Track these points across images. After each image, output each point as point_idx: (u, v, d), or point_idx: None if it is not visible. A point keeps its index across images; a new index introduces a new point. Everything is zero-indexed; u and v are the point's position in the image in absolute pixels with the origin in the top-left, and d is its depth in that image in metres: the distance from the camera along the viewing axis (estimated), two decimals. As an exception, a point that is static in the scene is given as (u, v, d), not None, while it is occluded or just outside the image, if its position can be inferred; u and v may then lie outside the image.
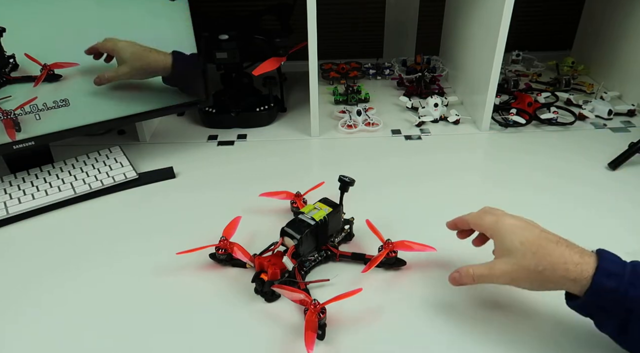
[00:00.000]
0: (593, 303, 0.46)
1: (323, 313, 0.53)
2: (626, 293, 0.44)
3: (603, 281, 0.44)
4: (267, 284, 0.58)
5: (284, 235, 0.60)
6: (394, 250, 0.62)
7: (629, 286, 0.44)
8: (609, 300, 0.45)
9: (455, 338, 0.54)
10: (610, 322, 0.46)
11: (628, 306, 0.44)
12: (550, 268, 0.46)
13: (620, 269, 0.45)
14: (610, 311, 0.45)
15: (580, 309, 0.48)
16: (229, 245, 0.63)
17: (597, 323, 0.48)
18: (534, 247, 0.47)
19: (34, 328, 0.57)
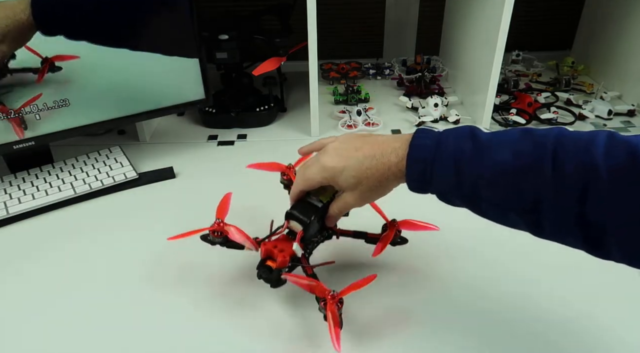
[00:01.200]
0: (415, 187, 0.49)
1: (341, 303, 0.50)
2: (431, 175, 0.46)
3: (413, 169, 0.47)
4: (275, 272, 0.54)
5: (290, 219, 0.56)
6: (399, 229, 0.62)
7: (434, 166, 0.46)
8: (422, 182, 0.48)
9: (468, 326, 0.54)
10: (437, 196, 0.49)
11: (436, 184, 0.47)
12: (383, 179, 0.50)
13: (426, 153, 0.47)
14: (430, 190, 0.48)
15: (414, 191, 0.50)
16: (224, 227, 0.59)
17: (436, 196, 0.49)
18: (365, 173, 0.50)
19: (34, 328, 0.57)
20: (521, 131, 0.44)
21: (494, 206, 0.44)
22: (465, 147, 0.45)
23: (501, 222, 0.46)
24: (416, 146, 0.48)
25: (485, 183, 0.43)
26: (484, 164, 0.43)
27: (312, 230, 0.57)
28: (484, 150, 0.44)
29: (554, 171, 0.39)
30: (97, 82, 0.79)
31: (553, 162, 0.40)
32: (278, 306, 0.59)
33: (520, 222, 0.44)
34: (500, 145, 0.43)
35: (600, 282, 0.61)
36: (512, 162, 0.42)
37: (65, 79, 0.76)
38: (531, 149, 0.42)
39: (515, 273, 0.63)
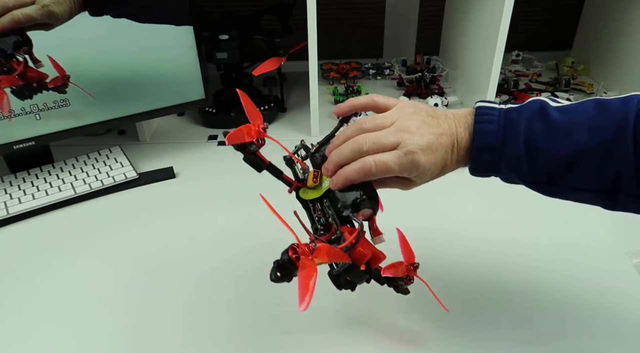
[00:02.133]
0: (480, 172, 0.45)
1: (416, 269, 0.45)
2: (500, 161, 0.43)
3: (480, 157, 0.44)
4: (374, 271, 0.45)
5: (363, 208, 0.45)
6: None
7: (503, 154, 0.42)
8: (490, 171, 0.44)
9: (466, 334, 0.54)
10: (503, 179, 0.46)
11: (506, 171, 0.43)
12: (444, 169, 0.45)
13: (493, 139, 0.42)
14: (497, 174, 0.45)
15: (477, 175, 0.46)
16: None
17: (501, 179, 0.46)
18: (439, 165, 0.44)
19: (34, 328, 0.57)
20: (594, 103, 0.40)
21: (569, 189, 0.41)
22: (537, 130, 0.40)
23: (574, 200, 0.43)
24: (481, 133, 0.43)
25: (560, 167, 0.40)
26: (559, 149, 0.39)
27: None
28: (558, 132, 0.40)
29: (636, 146, 0.36)
30: (97, 82, 0.79)
31: (635, 137, 0.36)
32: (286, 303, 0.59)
33: (594, 199, 0.41)
34: (574, 124, 0.39)
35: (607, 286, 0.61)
36: (589, 141, 0.38)
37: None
38: (609, 124, 0.38)
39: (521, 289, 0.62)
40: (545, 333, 0.54)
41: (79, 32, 0.74)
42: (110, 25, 0.76)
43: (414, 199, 0.56)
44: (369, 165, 0.44)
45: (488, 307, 0.58)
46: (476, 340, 0.54)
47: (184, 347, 0.54)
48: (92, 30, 0.75)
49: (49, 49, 0.73)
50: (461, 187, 0.82)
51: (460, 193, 0.80)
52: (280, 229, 0.68)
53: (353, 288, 0.46)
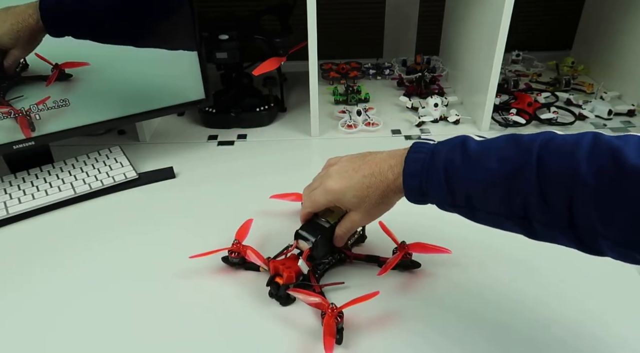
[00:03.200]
0: (414, 200, 0.51)
1: (341, 317, 0.52)
2: (427, 188, 0.48)
3: (409, 183, 0.50)
4: (282, 288, 0.57)
5: (299, 238, 0.59)
6: (408, 252, 0.61)
7: (428, 181, 0.48)
8: (420, 195, 0.50)
9: (472, 341, 0.54)
10: (436, 206, 0.50)
11: (432, 196, 0.49)
12: (383, 196, 0.53)
13: (420, 166, 0.49)
14: (427, 200, 0.50)
15: (415, 203, 0.52)
16: (242, 248, 0.62)
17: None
18: (364, 191, 0.53)
19: (34, 328, 0.57)
20: (507, 137, 0.45)
21: (488, 214, 0.46)
22: (455, 159, 0.46)
23: (498, 227, 0.47)
24: (410, 160, 0.50)
25: (475, 193, 0.45)
26: (472, 175, 0.45)
27: (320, 249, 0.59)
28: (471, 161, 0.45)
29: (539, 177, 0.40)
30: (97, 82, 0.79)
31: (537, 168, 0.40)
32: (278, 321, 0.59)
33: (515, 228, 0.44)
34: (486, 154, 0.45)
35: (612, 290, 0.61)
36: (497, 169, 0.43)
37: (70, 80, 0.77)
38: (515, 155, 0.43)
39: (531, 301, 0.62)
40: (544, 332, 0.54)
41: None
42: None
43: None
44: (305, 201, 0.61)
45: (487, 305, 0.58)
46: (477, 330, 0.54)
47: (184, 346, 0.54)
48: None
49: (46, 52, 0.73)
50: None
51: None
52: (280, 228, 0.68)
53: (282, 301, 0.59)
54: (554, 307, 0.58)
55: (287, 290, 0.56)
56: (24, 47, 0.71)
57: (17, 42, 0.71)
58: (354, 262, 0.65)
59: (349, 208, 0.56)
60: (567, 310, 0.57)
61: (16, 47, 0.71)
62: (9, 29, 0.69)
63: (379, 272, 0.60)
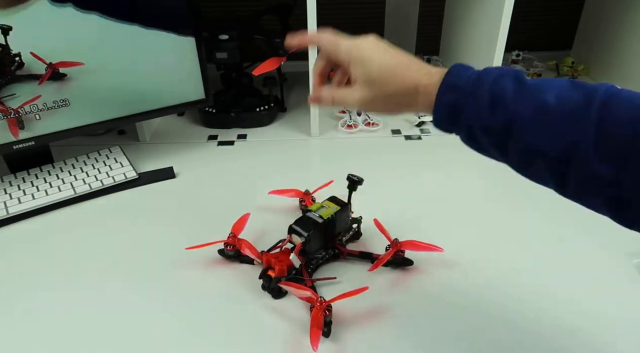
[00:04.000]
0: (442, 119, 0.45)
1: (329, 310, 0.53)
2: (464, 105, 0.43)
3: (445, 97, 0.44)
4: (274, 281, 0.58)
5: (292, 233, 0.60)
6: (401, 249, 0.62)
7: (469, 97, 0.42)
8: (452, 114, 0.44)
9: (461, 339, 0.54)
10: (462, 134, 0.45)
11: (467, 116, 0.43)
12: (404, 93, 0.46)
13: (464, 82, 0.43)
14: (458, 124, 0.44)
15: (438, 125, 0.47)
16: (237, 241, 0.64)
17: (460, 136, 0.46)
18: (388, 75, 0.47)
19: (34, 328, 0.57)
20: (570, 80, 0.41)
21: (523, 148, 0.41)
22: (507, 85, 0.41)
23: (526, 169, 0.42)
24: (454, 72, 0.44)
25: (520, 122, 0.40)
26: (523, 103, 0.40)
27: (313, 244, 0.60)
28: (526, 91, 0.41)
29: (599, 123, 0.37)
30: (97, 82, 0.79)
31: (599, 114, 0.37)
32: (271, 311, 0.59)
33: (545, 172, 0.40)
34: (545, 89, 0.40)
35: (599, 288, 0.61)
36: (555, 104, 0.39)
37: (66, 79, 0.77)
38: (578, 96, 0.39)
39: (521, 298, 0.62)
40: (536, 330, 0.54)
41: (76, 33, 0.75)
42: (108, 26, 0.76)
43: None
44: (325, 37, 0.51)
45: (477, 303, 0.58)
46: (466, 328, 0.54)
47: (177, 334, 0.54)
48: (90, 31, 0.75)
49: (43, 49, 0.73)
50: (465, 186, 0.82)
51: (463, 190, 0.80)
52: (277, 224, 0.69)
53: (274, 294, 0.59)
54: (548, 306, 0.58)
55: (279, 283, 0.57)
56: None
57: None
58: (348, 258, 0.65)
59: (361, 80, 0.48)
60: (562, 309, 0.57)
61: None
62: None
63: (370, 268, 0.61)
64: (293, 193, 0.74)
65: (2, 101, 0.73)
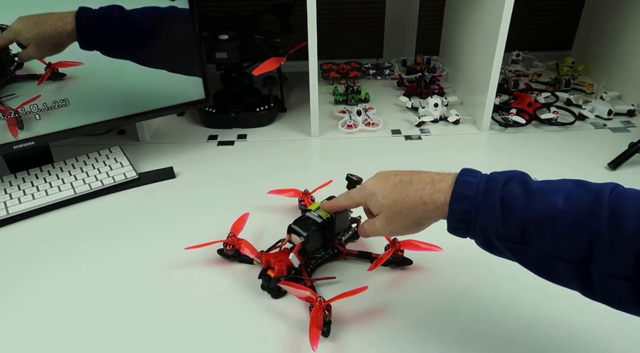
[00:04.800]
0: (456, 227, 0.46)
1: (328, 310, 0.53)
2: (477, 213, 0.44)
3: (456, 206, 0.45)
4: (273, 280, 0.59)
5: (291, 233, 0.60)
6: (400, 249, 0.62)
7: (480, 204, 0.44)
8: (465, 222, 0.45)
9: (460, 338, 0.54)
10: (478, 240, 0.46)
11: (480, 224, 0.44)
12: (412, 208, 0.48)
13: (474, 190, 0.44)
14: (473, 231, 0.45)
15: (454, 232, 0.48)
16: (236, 241, 0.64)
17: (476, 242, 0.47)
18: (394, 196, 0.50)
19: (35, 328, 0.57)
20: (574, 180, 0.42)
21: (541, 255, 0.41)
22: (515, 189, 0.42)
23: (547, 273, 0.43)
24: (463, 182, 0.46)
25: (533, 227, 0.41)
26: (534, 208, 0.41)
27: (312, 244, 0.60)
28: (534, 194, 0.42)
29: (611, 220, 0.37)
30: (97, 82, 0.79)
31: (610, 211, 0.38)
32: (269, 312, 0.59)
33: (567, 274, 0.41)
34: (551, 191, 0.41)
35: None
36: (564, 206, 0.40)
37: (66, 78, 0.77)
38: (585, 194, 0.40)
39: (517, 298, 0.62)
40: (535, 330, 0.54)
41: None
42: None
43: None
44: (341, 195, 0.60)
45: (476, 303, 0.58)
46: (465, 327, 0.54)
47: (177, 334, 0.54)
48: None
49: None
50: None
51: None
52: (277, 223, 0.68)
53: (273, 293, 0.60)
54: (548, 305, 0.57)
55: (278, 282, 0.57)
56: (46, 49, 0.73)
57: (44, 45, 0.72)
58: (347, 257, 0.65)
59: (376, 211, 0.53)
60: (563, 308, 0.57)
61: (38, 48, 0.72)
62: (33, 26, 0.70)
63: (369, 268, 0.61)
64: (292, 193, 0.74)
65: (1, 101, 0.73)
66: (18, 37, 0.70)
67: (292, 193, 0.74)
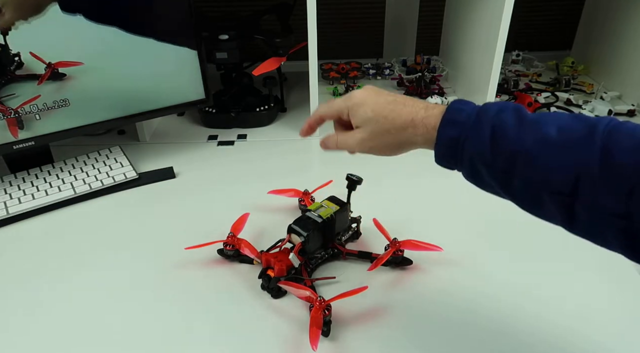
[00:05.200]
0: (444, 154, 0.45)
1: (328, 310, 0.53)
2: (465, 139, 0.43)
3: (446, 131, 0.44)
4: (273, 280, 0.59)
5: (291, 232, 0.60)
6: (400, 249, 0.62)
7: (470, 131, 0.42)
8: (453, 149, 0.44)
9: (460, 338, 0.54)
10: (464, 170, 0.45)
11: (468, 151, 0.43)
12: (401, 129, 0.47)
13: (465, 117, 0.43)
14: (460, 159, 0.44)
15: (440, 162, 0.47)
16: (236, 241, 0.64)
17: (462, 172, 0.46)
18: (385, 112, 0.48)
19: (35, 328, 0.57)
20: (570, 114, 0.41)
21: (527, 184, 0.40)
22: (507, 119, 0.41)
23: (531, 205, 0.42)
24: (454, 109, 0.44)
25: (523, 156, 0.40)
26: (525, 137, 0.40)
27: (312, 244, 0.60)
28: (527, 124, 0.40)
29: (603, 152, 0.36)
30: (97, 82, 0.79)
31: (603, 144, 0.36)
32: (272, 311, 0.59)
33: (552, 207, 0.39)
34: (544, 122, 0.40)
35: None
36: (556, 136, 0.38)
37: (66, 78, 0.77)
38: (579, 127, 0.38)
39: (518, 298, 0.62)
40: (544, 329, 0.54)
41: (77, 35, 0.75)
42: (108, 30, 0.76)
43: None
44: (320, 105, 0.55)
45: (476, 303, 0.58)
46: (465, 327, 0.54)
47: (177, 333, 0.54)
48: (89, 33, 0.75)
49: (42, 49, 0.73)
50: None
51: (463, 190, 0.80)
52: (276, 223, 0.69)
53: (274, 293, 0.60)
54: (547, 304, 0.58)
55: (278, 282, 0.57)
56: (24, 11, 0.68)
57: (21, 5, 0.68)
58: (347, 257, 0.65)
59: (359, 123, 0.50)
60: (562, 307, 0.57)
61: (16, 9, 0.68)
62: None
63: (370, 268, 0.61)
64: (292, 193, 0.74)
65: (1, 101, 0.73)
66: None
67: (292, 193, 0.74)
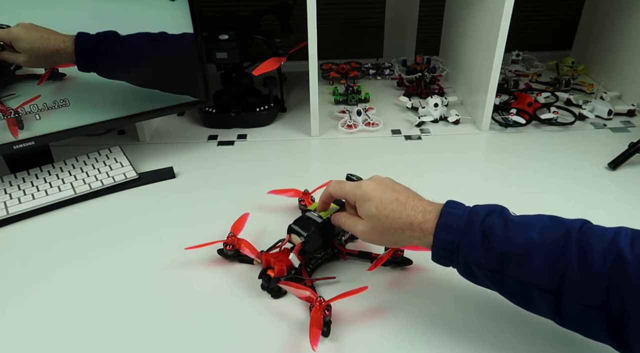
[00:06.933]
0: (440, 256, 0.50)
1: (328, 310, 0.53)
2: (459, 243, 0.47)
3: (441, 236, 0.48)
4: (273, 280, 0.59)
5: (291, 233, 0.60)
6: (400, 249, 0.62)
7: (463, 236, 0.47)
8: (449, 251, 0.48)
9: (459, 338, 0.54)
10: (460, 269, 0.49)
11: (463, 254, 0.47)
12: (400, 230, 0.51)
13: (457, 221, 0.48)
14: (455, 260, 0.49)
15: (437, 261, 0.51)
16: (236, 241, 0.64)
17: (459, 271, 0.50)
18: (386, 211, 0.51)
19: (35, 328, 0.57)
20: (550, 216, 0.47)
21: (518, 283, 0.45)
22: (495, 221, 0.46)
23: (523, 302, 0.47)
24: (447, 214, 0.49)
25: (512, 257, 0.45)
26: (512, 240, 0.45)
27: (312, 244, 0.60)
28: (512, 226, 0.46)
29: (579, 253, 0.41)
30: (98, 83, 0.79)
31: (578, 245, 0.42)
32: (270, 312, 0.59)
33: (542, 303, 0.44)
34: (527, 225, 0.45)
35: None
36: (539, 239, 0.44)
37: (66, 78, 0.77)
38: (556, 229, 0.44)
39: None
40: (544, 329, 0.54)
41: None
42: (111, 21, 0.77)
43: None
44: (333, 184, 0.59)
45: (476, 303, 0.58)
46: (465, 327, 0.54)
47: (177, 334, 0.54)
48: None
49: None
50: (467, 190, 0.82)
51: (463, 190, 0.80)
52: (277, 223, 0.69)
53: (273, 293, 0.60)
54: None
55: (278, 282, 0.57)
56: (39, 63, 0.73)
57: (32, 53, 0.72)
58: (347, 257, 0.65)
59: (363, 215, 0.54)
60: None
61: (27, 55, 0.72)
62: (36, 39, 0.71)
63: (370, 268, 0.61)
64: (292, 193, 0.74)
65: (1, 101, 0.73)
66: (15, 42, 0.70)
67: (292, 193, 0.74)
